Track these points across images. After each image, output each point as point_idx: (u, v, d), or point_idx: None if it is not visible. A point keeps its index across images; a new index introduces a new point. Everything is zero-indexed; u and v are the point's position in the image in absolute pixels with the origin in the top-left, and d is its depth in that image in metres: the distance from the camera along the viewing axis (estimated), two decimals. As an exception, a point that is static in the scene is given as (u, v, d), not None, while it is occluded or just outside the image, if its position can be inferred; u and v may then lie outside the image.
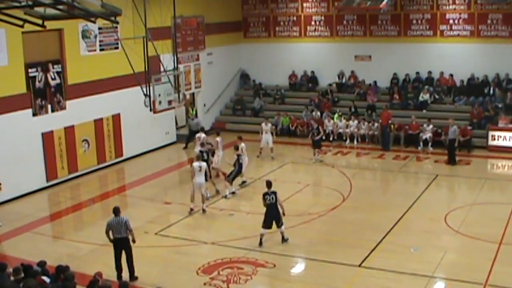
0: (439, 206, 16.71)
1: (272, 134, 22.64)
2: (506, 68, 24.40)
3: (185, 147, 24.15)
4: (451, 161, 21.19)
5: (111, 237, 12.60)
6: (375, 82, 26.72)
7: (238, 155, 18.39)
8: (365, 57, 27.25)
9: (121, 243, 12.56)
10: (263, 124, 22.63)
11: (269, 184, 14.35)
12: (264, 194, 14.21)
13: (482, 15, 24.70)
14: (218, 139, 19.96)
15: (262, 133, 22.53)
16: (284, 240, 14.32)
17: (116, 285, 10.84)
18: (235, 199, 17.99)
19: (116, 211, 12.71)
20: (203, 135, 20.40)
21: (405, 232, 15.14)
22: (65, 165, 20.14)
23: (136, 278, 12.55)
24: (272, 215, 14.11)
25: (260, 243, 14.16)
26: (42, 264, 10.88)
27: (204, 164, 16.78)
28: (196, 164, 16.75)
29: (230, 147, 22.98)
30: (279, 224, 14.19)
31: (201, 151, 18.16)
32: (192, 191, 16.68)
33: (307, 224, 15.79)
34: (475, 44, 24.91)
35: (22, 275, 10.07)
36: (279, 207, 14.22)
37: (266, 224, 14.17)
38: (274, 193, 14.19)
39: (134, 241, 12.72)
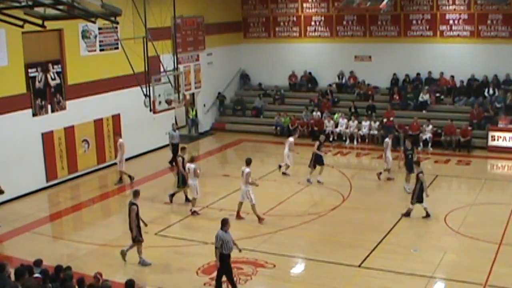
0: (439, 206, 16.69)
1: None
2: (506, 68, 24.41)
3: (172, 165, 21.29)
4: None
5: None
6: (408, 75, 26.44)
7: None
8: (365, 58, 27.26)
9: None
10: (387, 139, 19.71)
11: None
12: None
13: (482, 16, 24.71)
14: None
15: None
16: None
17: (116, 285, 10.85)
18: (235, 200, 17.97)
19: (224, 223, 11.99)
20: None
21: (405, 232, 15.17)
22: (65, 165, 20.15)
23: None
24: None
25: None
26: (38, 263, 10.83)
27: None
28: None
29: (230, 147, 23.02)
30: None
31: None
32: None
33: (307, 224, 15.80)
34: (475, 45, 24.93)
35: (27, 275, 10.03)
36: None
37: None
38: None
39: (240, 251, 12.33)
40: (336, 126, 25.30)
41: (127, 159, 22.30)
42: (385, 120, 24.09)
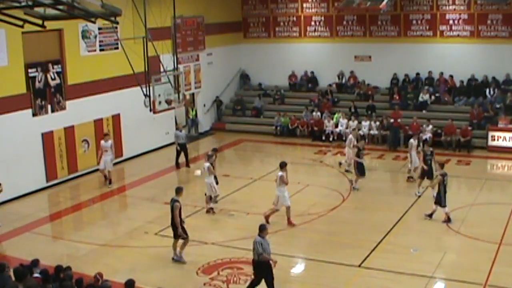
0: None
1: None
2: (506, 68, 24.41)
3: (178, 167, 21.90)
4: None
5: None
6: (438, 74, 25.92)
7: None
8: (365, 58, 27.26)
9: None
10: (411, 140, 19.59)
11: None
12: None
13: (482, 16, 24.71)
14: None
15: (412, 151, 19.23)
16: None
17: (116, 285, 10.84)
18: (235, 199, 17.99)
19: (262, 229, 11.84)
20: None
21: (405, 232, 15.16)
22: (65, 165, 20.14)
23: None
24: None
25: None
26: (35, 263, 10.81)
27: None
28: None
29: (230, 147, 22.94)
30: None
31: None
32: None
33: (307, 224, 15.79)
34: (475, 45, 24.92)
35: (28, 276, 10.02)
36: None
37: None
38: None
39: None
40: (336, 126, 25.31)
41: (127, 159, 22.39)
42: (392, 120, 24.08)
